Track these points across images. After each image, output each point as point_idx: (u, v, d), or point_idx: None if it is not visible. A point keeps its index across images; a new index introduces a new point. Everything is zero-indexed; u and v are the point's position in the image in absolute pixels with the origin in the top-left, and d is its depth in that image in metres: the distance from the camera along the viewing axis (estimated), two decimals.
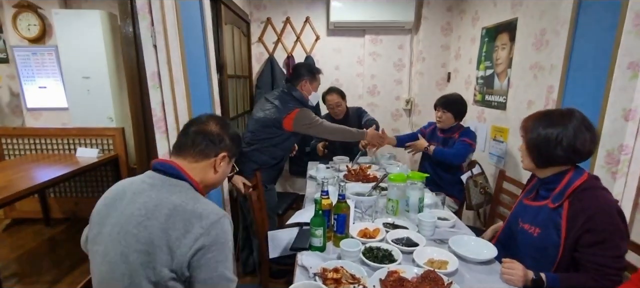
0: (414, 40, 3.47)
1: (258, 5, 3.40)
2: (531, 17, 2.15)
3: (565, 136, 1.10)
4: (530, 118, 1.22)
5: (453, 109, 2.29)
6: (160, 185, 0.89)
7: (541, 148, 1.15)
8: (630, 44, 1.30)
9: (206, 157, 0.96)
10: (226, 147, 0.99)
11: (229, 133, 1.01)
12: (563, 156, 1.12)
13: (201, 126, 0.98)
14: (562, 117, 1.14)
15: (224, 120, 1.04)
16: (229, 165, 1.05)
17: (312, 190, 2.07)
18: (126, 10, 1.27)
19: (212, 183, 1.01)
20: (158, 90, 1.22)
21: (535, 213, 1.21)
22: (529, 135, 1.19)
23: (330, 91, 2.73)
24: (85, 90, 3.11)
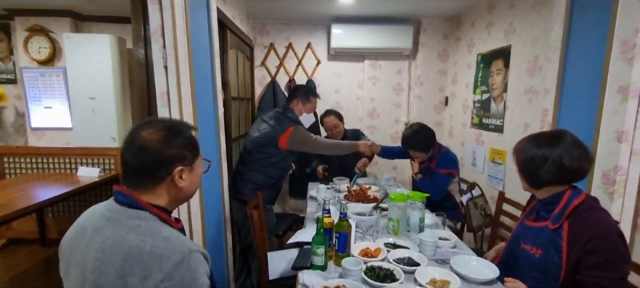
0: (412, 65, 3.58)
1: (262, 31, 3.53)
2: (524, 44, 2.25)
3: (551, 155, 1.12)
4: (521, 141, 1.26)
5: (418, 146, 2.19)
6: (117, 220, 0.78)
7: (529, 169, 1.18)
8: (619, 70, 1.36)
9: (160, 181, 0.82)
10: (178, 158, 0.82)
11: (175, 141, 0.82)
12: (552, 176, 1.14)
13: (137, 148, 0.80)
14: (551, 138, 1.17)
15: (163, 125, 0.84)
16: (197, 168, 0.90)
17: (313, 210, 2.08)
18: (139, 35, 1.34)
19: (184, 196, 0.89)
20: (166, 108, 1.26)
21: (536, 234, 1.22)
22: (519, 157, 1.23)
23: (328, 113, 2.80)
24: (90, 111, 3.17)
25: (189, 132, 0.87)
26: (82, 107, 3.14)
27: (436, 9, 3.05)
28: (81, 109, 3.15)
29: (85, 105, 3.14)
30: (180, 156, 0.83)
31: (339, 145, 2.38)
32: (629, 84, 1.32)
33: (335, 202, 2.04)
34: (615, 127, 1.37)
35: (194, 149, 0.87)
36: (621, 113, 1.35)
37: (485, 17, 2.74)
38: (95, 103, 3.15)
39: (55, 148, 3.13)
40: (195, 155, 0.87)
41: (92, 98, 3.15)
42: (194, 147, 0.87)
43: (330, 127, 2.76)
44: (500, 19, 2.53)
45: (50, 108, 3.29)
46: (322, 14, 3.24)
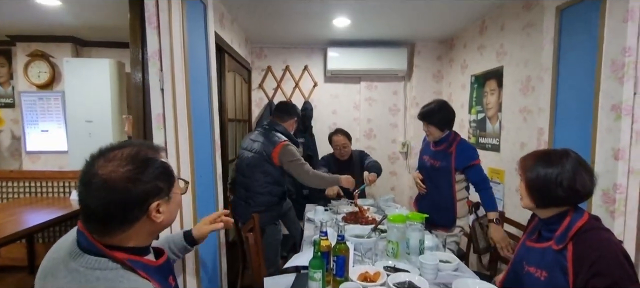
0: (407, 86, 3.64)
1: (259, 55, 3.59)
2: (516, 65, 2.29)
3: (565, 176, 1.11)
4: (528, 157, 1.24)
5: (434, 120, 1.98)
6: (75, 270, 0.68)
7: (542, 189, 1.15)
8: (610, 88, 1.38)
9: (132, 222, 0.71)
10: (152, 193, 0.71)
11: (145, 175, 0.70)
12: (564, 197, 1.12)
13: (99, 191, 0.67)
14: (559, 157, 1.16)
15: (125, 155, 0.70)
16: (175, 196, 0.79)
17: (310, 233, 2.04)
18: (137, 58, 1.36)
19: (161, 229, 0.78)
20: (162, 130, 1.26)
21: (540, 255, 1.19)
22: (528, 175, 1.20)
23: (338, 132, 2.80)
24: (87, 134, 3.16)
25: (158, 159, 0.74)
26: (78, 130, 3.13)
27: (429, 32, 3.13)
28: (78, 132, 3.14)
29: (82, 129, 3.14)
30: (155, 190, 0.72)
31: (322, 178, 2.29)
32: (621, 102, 1.33)
33: (332, 224, 2.01)
34: (611, 145, 1.37)
35: (168, 177, 0.76)
36: (616, 131, 1.35)
37: (476, 39, 2.81)
38: (92, 126, 3.15)
39: (50, 172, 3.10)
40: (170, 183, 0.76)
41: (89, 121, 3.14)
42: (167, 175, 0.76)
43: (339, 145, 2.77)
44: (491, 40, 2.60)
45: (47, 131, 3.28)
46: (319, 38, 3.31)
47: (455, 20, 2.80)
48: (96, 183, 0.67)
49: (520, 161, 1.26)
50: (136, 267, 0.71)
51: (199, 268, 1.51)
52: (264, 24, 2.85)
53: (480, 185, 1.93)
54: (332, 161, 2.86)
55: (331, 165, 2.83)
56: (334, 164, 2.84)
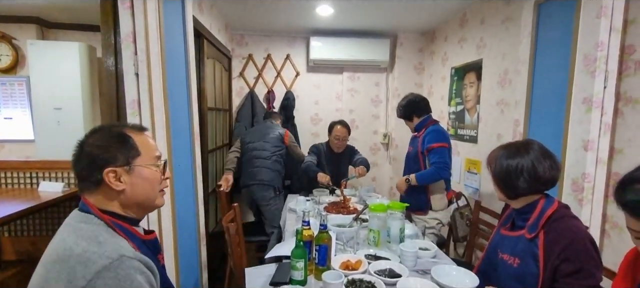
0: (389, 77, 3.66)
1: (240, 42, 3.50)
2: (494, 58, 2.35)
3: (525, 166, 1.16)
4: (493, 152, 1.29)
5: (406, 114, 2.20)
6: (69, 224, 0.79)
7: (505, 180, 1.20)
8: (583, 82, 1.44)
9: (97, 185, 0.80)
10: (106, 160, 0.79)
11: (103, 141, 0.81)
12: (527, 186, 1.17)
13: (77, 153, 0.81)
14: (521, 148, 1.20)
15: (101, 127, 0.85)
16: (141, 169, 0.84)
17: (292, 223, 2.03)
18: (109, 41, 1.28)
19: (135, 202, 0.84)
20: (137, 117, 1.20)
21: (514, 243, 1.24)
22: (493, 168, 1.25)
23: (341, 124, 2.71)
24: (55, 122, 2.99)
25: (125, 133, 0.84)
26: (46, 118, 2.96)
27: (411, 24, 3.15)
28: (45, 120, 2.96)
29: (50, 116, 2.96)
30: (109, 157, 0.80)
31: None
32: (592, 95, 1.39)
33: (315, 213, 2.01)
34: (581, 137, 1.43)
35: (126, 148, 0.82)
36: (586, 123, 1.42)
37: (457, 32, 2.86)
38: (61, 114, 2.98)
39: (15, 162, 2.91)
40: (130, 156, 0.82)
41: (57, 108, 2.98)
42: (126, 146, 0.82)
43: (339, 137, 2.68)
44: (471, 33, 2.64)
45: (10, 119, 3.07)
46: (301, 27, 3.26)
47: (436, 13, 2.83)
48: (79, 149, 0.81)
49: (488, 156, 1.30)
50: (118, 228, 0.80)
51: (178, 259, 1.48)
52: (245, 9, 2.77)
53: (432, 164, 2.02)
54: (325, 151, 2.80)
55: (322, 154, 2.78)
56: (326, 155, 2.79)
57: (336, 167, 2.78)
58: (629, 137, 1.46)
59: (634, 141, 1.44)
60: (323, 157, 2.77)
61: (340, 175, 2.73)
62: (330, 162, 2.78)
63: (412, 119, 2.20)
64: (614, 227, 1.52)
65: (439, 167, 2.00)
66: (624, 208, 0.77)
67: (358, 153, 2.88)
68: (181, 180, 1.52)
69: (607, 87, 1.39)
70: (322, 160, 2.77)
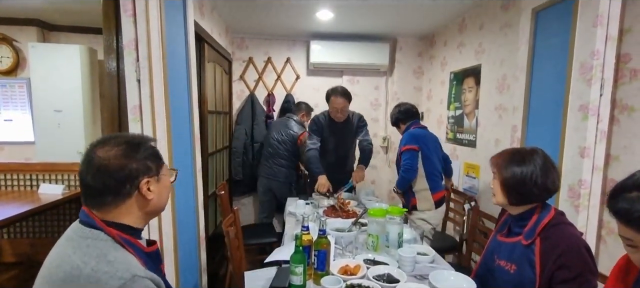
0: (388, 81, 3.68)
1: (241, 46, 3.52)
2: (493, 63, 2.37)
3: (538, 174, 1.16)
4: (501, 155, 1.28)
5: (394, 122, 2.40)
6: (71, 238, 0.76)
7: (518, 187, 1.18)
8: (579, 89, 1.45)
9: (126, 197, 0.78)
10: (142, 170, 0.79)
11: (136, 154, 0.80)
12: (537, 194, 1.17)
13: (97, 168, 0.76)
14: (530, 155, 1.20)
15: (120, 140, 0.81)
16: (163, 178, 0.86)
17: (292, 227, 2.04)
18: (111, 46, 1.29)
19: (154, 209, 0.85)
20: (138, 123, 1.21)
21: (510, 250, 1.25)
22: (503, 174, 1.23)
23: (337, 93, 2.46)
24: (56, 124, 3.00)
25: (149, 142, 0.85)
26: (46, 120, 2.97)
27: (411, 28, 3.17)
28: (45, 122, 2.98)
29: (50, 118, 2.98)
30: (144, 168, 0.80)
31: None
32: (588, 102, 1.41)
33: (314, 218, 2.02)
34: (578, 143, 1.45)
35: (157, 159, 0.85)
36: (582, 130, 1.43)
37: (456, 37, 2.88)
38: (61, 116, 2.99)
39: (14, 164, 2.92)
40: (159, 165, 0.85)
41: (57, 110, 2.99)
42: (156, 157, 0.85)
43: (337, 108, 2.47)
44: (470, 39, 2.66)
45: (11, 121, 3.08)
46: (302, 30, 3.28)
47: (435, 18, 2.85)
48: (95, 163, 0.76)
49: (493, 159, 1.29)
50: (126, 243, 0.78)
51: (178, 262, 1.49)
52: (245, 13, 2.79)
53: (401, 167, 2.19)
54: (327, 123, 2.59)
55: (324, 128, 2.58)
56: (329, 126, 2.58)
57: (341, 138, 2.61)
58: (624, 144, 1.48)
59: (630, 148, 1.46)
60: (326, 131, 2.58)
61: (345, 147, 2.63)
62: (334, 133, 2.59)
63: (400, 126, 2.36)
64: (610, 233, 1.54)
65: (405, 169, 2.13)
66: (615, 216, 0.78)
67: (364, 130, 2.67)
68: (181, 184, 1.53)
69: (603, 94, 1.41)
70: (325, 134, 2.58)
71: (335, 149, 2.66)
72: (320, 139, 2.60)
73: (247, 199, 3.70)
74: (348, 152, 2.75)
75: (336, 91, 2.49)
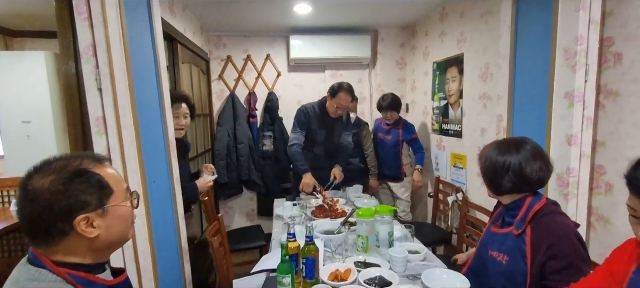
0: (372, 74, 3.62)
1: (218, 44, 3.39)
2: (475, 52, 2.34)
3: (512, 165, 1.14)
4: (486, 147, 1.26)
5: (397, 108, 2.79)
6: (17, 280, 0.68)
7: (491, 176, 1.19)
8: (564, 76, 1.43)
9: (62, 236, 0.68)
10: (77, 207, 0.68)
11: (71, 187, 0.67)
12: (512, 185, 1.15)
13: (27, 201, 0.66)
14: (513, 146, 1.18)
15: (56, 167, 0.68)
16: (116, 209, 0.74)
17: (279, 231, 1.98)
18: (69, 53, 1.18)
19: (108, 245, 0.74)
20: (103, 136, 1.11)
21: (502, 240, 1.23)
22: (481, 163, 1.23)
23: (344, 89, 2.32)
24: (25, 136, 2.83)
25: (90, 171, 0.70)
26: (15, 132, 2.80)
27: (391, 18, 3.11)
28: (14, 135, 2.80)
29: (19, 131, 2.80)
30: (79, 204, 0.67)
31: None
32: (574, 90, 1.38)
33: (301, 221, 1.96)
34: (564, 132, 1.43)
35: (100, 190, 0.71)
36: (569, 118, 1.41)
37: (438, 26, 2.84)
38: (31, 127, 2.82)
39: None
40: (104, 196, 0.71)
41: (26, 122, 2.82)
42: (100, 187, 0.71)
43: (342, 105, 2.34)
44: (452, 28, 2.63)
45: None
46: (280, 26, 3.18)
47: (416, 7, 2.80)
48: (24, 194, 0.67)
49: (480, 151, 1.27)
50: (79, 282, 0.69)
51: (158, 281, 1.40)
52: (221, 10, 2.67)
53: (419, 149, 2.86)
54: (318, 115, 2.45)
55: (312, 120, 2.45)
56: (319, 119, 2.46)
57: (330, 133, 2.52)
58: (610, 130, 1.47)
59: (616, 133, 1.45)
60: (315, 123, 2.45)
61: (333, 143, 2.57)
62: (324, 127, 2.48)
63: (399, 111, 2.84)
64: (600, 220, 1.54)
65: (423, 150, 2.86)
66: (629, 185, 0.79)
67: (351, 131, 2.65)
68: (158, 196, 1.43)
69: (588, 80, 1.39)
70: (314, 128, 2.46)
71: (324, 143, 2.58)
72: (305, 133, 2.49)
73: (234, 202, 3.60)
74: (336, 146, 2.69)
75: (344, 88, 2.34)
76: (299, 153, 2.42)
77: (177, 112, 1.80)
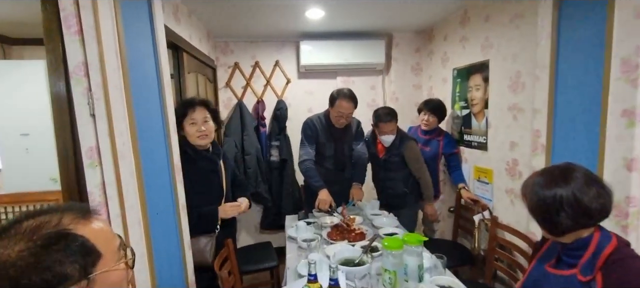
0: (385, 80, 3.45)
1: (225, 50, 3.24)
2: (503, 59, 2.16)
3: (564, 197, 0.97)
4: (527, 179, 1.10)
5: (438, 113, 2.54)
6: None
7: (543, 215, 1.02)
8: (621, 91, 1.25)
9: None
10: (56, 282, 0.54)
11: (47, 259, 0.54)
12: (571, 222, 0.98)
13: None
14: (558, 176, 1.01)
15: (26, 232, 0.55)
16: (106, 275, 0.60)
17: (294, 256, 1.81)
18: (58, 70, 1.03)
19: None
20: (97, 168, 0.96)
21: (563, 284, 1.05)
22: (527, 201, 1.06)
23: (344, 96, 2.19)
24: (23, 149, 2.70)
25: (70, 232, 0.56)
26: (12, 145, 2.67)
27: (407, 22, 2.94)
28: (12, 148, 2.68)
29: (17, 143, 2.68)
30: (57, 278, 0.54)
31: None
32: (635, 107, 1.21)
33: (317, 245, 1.79)
34: (622, 154, 1.25)
35: (85, 256, 0.57)
36: (628, 139, 1.23)
37: (458, 31, 2.66)
38: (29, 140, 2.70)
39: None
40: (89, 263, 0.57)
41: (24, 134, 2.69)
42: (84, 253, 0.57)
43: (343, 113, 2.20)
44: (475, 33, 2.45)
45: None
46: (290, 31, 3.02)
47: (434, 11, 2.63)
48: None
49: (522, 185, 1.10)
50: None
51: None
52: (228, 15, 2.52)
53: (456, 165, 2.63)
54: (324, 126, 2.32)
55: (321, 133, 2.32)
56: (325, 131, 2.32)
57: (340, 144, 2.38)
58: None
59: None
60: (322, 136, 2.32)
61: (343, 155, 2.42)
62: (333, 139, 2.35)
63: (441, 119, 2.62)
64: None
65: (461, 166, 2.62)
66: None
67: (361, 139, 2.48)
68: (160, 228, 1.28)
69: None
70: (321, 141, 2.33)
71: (334, 156, 2.43)
72: (314, 146, 2.35)
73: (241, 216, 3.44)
74: (346, 159, 2.52)
75: (343, 94, 2.20)
76: (312, 168, 2.27)
77: (193, 117, 1.64)
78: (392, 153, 2.39)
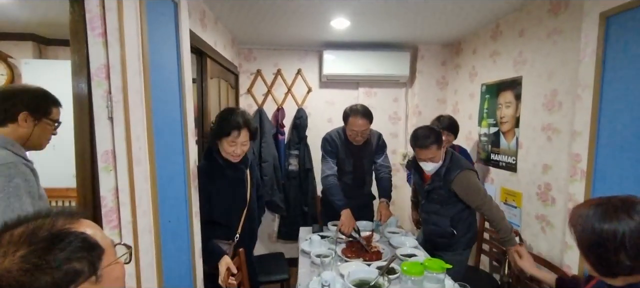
0: (409, 93, 3.36)
1: (248, 57, 3.26)
2: (538, 76, 2.03)
3: (627, 235, 0.84)
4: (580, 207, 0.97)
5: (453, 130, 2.35)
6: None
7: (598, 252, 0.89)
8: None
9: None
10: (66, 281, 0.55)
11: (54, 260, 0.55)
12: (632, 263, 0.86)
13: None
14: (620, 208, 0.88)
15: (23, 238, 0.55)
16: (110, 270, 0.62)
17: (306, 272, 1.74)
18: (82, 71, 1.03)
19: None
20: (111, 173, 0.94)
21: None
22: (579, 232, 0.93)
23: (357, 113, 2.09)
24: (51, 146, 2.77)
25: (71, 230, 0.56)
26: None
27: (434, 35, 2.85)
28: None
29: None
30: (70, 276, 0.54)
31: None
32: None
33: (332, 261, 1.71)
34: None
35: (90, 250, 0.57)
36: None
37: (489, 45, 2.55)
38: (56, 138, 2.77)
39: None
40: (96, 257, 0.58)
41: None
42: (88, 249, 0.57)
43: (357, 131, 2.11)
44: (507, 47, 2.33)
45: None
46: (314, 40, 3.00)
47: (463, 24, 2.53)
48: None
49: (571, 213, 0.98)
50: None
51: None
52: (254, 23, 2.52)
53: None
54: (343, 142, 2.25)
55: (340, 149, 2.25)
56: (345, 148, 2.26)
57: (358, 159, 2.30)
58: None
59: None
60: (342, 151, 2.26)
61: (363, 169, 2.33)
62: (352, 155, 2.27)
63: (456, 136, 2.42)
64: None
65: None
66: None
67: (384, 152, 2.37)
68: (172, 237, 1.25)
69: None
70: (341, 156, 2.26)
71: (353, 171, 2.35)
72: (336, 161, 2.29)
73: None
74: (366, 174, 2.44)
75: (356, 111, 2.11)
76: (336, 185, 2.19)
77: (234, 141, 1.59)
78: (436, 185, 1.92)
